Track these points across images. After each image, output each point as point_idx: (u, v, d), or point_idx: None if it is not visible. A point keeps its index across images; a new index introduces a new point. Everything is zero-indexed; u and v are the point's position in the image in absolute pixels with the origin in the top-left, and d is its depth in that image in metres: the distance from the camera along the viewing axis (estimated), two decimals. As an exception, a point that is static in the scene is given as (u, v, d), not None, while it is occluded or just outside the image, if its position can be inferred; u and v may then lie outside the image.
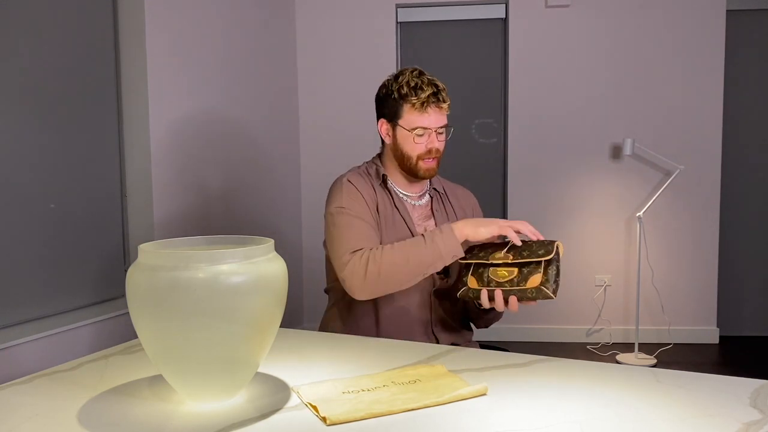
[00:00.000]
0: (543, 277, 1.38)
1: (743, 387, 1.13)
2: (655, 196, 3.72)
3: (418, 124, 1.62)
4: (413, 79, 1.62)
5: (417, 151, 1.64)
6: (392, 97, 1.65)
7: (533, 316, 3.95)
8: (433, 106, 1.61)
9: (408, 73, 1.64)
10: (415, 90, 1.61)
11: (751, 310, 4.03)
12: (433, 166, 1.66)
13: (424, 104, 1.61)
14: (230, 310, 1.02)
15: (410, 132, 1.63)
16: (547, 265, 1.39)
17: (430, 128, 1.62)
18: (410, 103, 1.61)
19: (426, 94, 1.60)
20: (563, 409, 1.05)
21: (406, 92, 1.62)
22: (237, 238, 1.19)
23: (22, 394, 1.17)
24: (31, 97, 2.05)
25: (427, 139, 1.63)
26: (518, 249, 1.43)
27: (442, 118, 1.64)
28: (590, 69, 3.82)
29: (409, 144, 1.64)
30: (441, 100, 1.62)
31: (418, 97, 1.60)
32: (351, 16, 3.93)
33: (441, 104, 1.63)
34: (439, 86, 1.63)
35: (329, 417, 1.01)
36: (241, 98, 3.20)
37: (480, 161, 4.03)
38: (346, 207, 1.61)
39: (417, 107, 1.61)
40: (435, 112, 1.62)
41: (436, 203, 1.76)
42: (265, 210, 3.41)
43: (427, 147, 1.63)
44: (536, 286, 1.38)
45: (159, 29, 2.50)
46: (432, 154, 1.64)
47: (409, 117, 1.63)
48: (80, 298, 2.24)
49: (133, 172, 2.47)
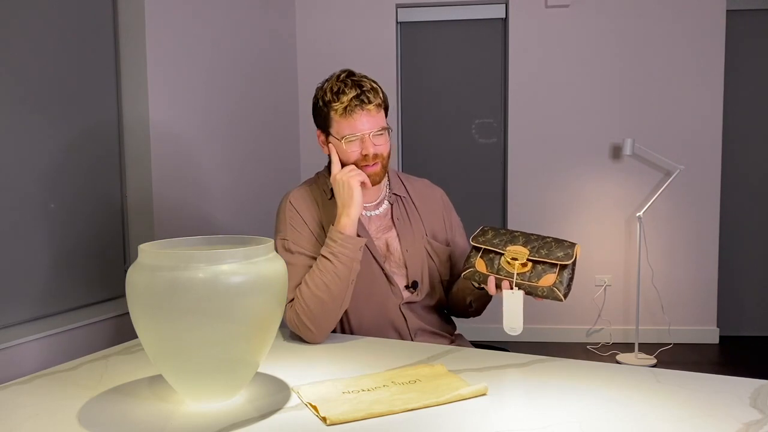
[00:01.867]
0: (557, 278, 1.35)
1: (743, 387, 1.13)
2: (655, 196, 3.72)
3: (346, 132, 1.49)
4: (336, 84, 1.50)
5: (352, 159, 1.51)
6: (318, 105, 1.54)
7: (533, 316, 3.95)
8: (357, 109, 1.48)
9: (333, 78, 1.53)
10: (337, 95, 1.49)
11: (751, 310, 4.03)
12: (377, 171, 1.52)
13: (347, 109, 1.48)
14: (230, 310, 1.02)
15: (340, 141, 1.50)
16: (563, 267, 1.36)
17: (359, 133, 1.49)
18: (334, 110, 1.49)
19: (348, 97, 1.47)
20: (563, 409, 1.05)
21: (329, 99, 1.50)
22: (237, 238, 1.19)
23: (22, 394, 1.17)
24: (30, 96, 2.05)
25: (360, 145, 1.50)
26: (536, 246, 1.38)
27: (373, 120, 1.50)
28: (590, 69, 3.82)
29: (342, 153, 1.51)
30: (366, 101, 1.48)
31: (340, 102, 1.48)
32: (351, 16, 3.93)
33: (366, 105, 1.48)
34: (365, 86, 1.49)
35: (329, 417, 1.01)
36: (241, 98, 3.20)
37: (480, 161, 4.03)
38: (288, 239, 1.55)
39: (340, 113, 1.49)
40: (362, 116, 1.48)
41: (397, 210, 1.64)
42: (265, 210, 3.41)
43: (362, 153, 1.50)
44: (549, 285, 1.35)
45: (159, 29, 2.50)
46: (369, 160, 1.50)
47: (336, 125, 1.51)
48: (80, 298, 2.24)
49: (133, 172, 2.47)
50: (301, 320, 1.46)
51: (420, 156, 4.06)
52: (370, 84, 1.52)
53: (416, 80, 4.03)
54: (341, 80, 1.51)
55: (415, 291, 1.62)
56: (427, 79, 4.04)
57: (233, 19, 3.11)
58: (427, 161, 4.07)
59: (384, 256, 1.60)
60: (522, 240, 1.41)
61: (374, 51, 3.90)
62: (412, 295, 1.62)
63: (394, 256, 1.62)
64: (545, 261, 1.36)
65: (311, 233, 1.56)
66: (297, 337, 1.53)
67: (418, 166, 4.01)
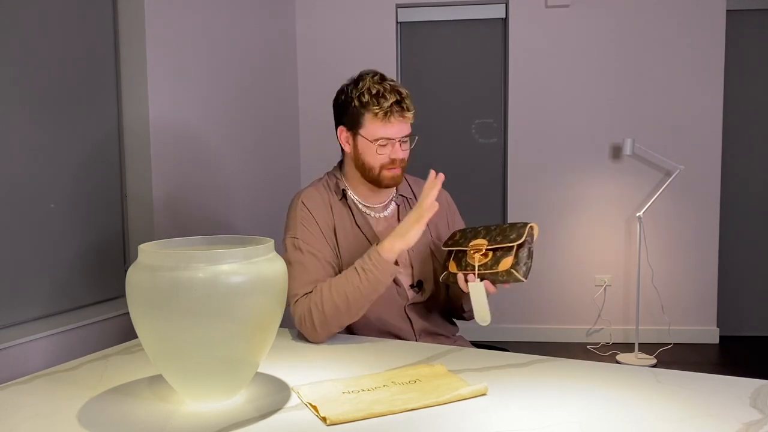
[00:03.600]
0: (513, 260, 1.40)
1: (743, 387, 1.13)
2: (655, 196, 3.72)
3: (380, 135, 1.52)
4: (375, 86, 1.51)
5: (379, 161, 1.54)
6: (352, 104, 1.54)
7: (533, 316, 3.95)
8: (396, 115, 1.51)
9: (369, 79, 1.53)
10: (377, 98, 1.50)
11: (751, 310, 4.04)
12: (398, 174, 1.57)
13: (387, 114, 1.50)
14: (230, 310, 1.02)
15: (372, 143, 1.53)
16: (519, 248, 1.40)
17: (394, 138, 1.53)
18: (372, 113, 1.50)
19: (389, 102, 1.50)
20: (563, 409, 1.05)
21: (367, 100, 1.51)
22: (237, 238, 1.19)
23: (22, 394, 1.17)
24: (30, 96, 2.05)
25: (390, 149, 1.53)
26: (493, 234, 1.45)
27: (405, 127, 1.55)
28: (590, 69, 3.82)
29: (370, 154, 1.54)
30: (405, 108, 1.52)
31: (380, 107, 1.49)
32: (351, 16, 3.93)
33: (405, 113, 1.52)
34: (403, 93, 1.53)
35: (329, 417, 1.01)
36: (242, 98, 3.20)
37: (480, 161, 4.03)
38: (299, 238, 1.55)
39: (380, 117, 1.50)
40: (399, 122, 1.52)
41: (404, 212, 1.67)
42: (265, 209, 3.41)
43: (391, 158, 1.54)
44: (507, 269, 1.40)
45: (159, 29, 2.50)
46: (396, 164, 1.55)
47: (371, 127, 1.52)
48: (80, 298, 2.24)
49: (133, 172, 2.47)
50: (310, 319, 1.46)
51: (420, 156, 4.06)
52: (406, 91, 1.55)
53: (416, 80, 4.03)
54: (379, 83, 1.53)
55: (420, 291, 1.64)
56: (427, 79, 4.04)
57: (233, 19, 3.11)
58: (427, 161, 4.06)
59: None
60: (483, 233, 1.47)
61: (374, 51, 3.90)
62: (417, 296, 1.63)
63: (400, 256, 1.62)
64: (501, 246, 1.42)
65: (322, 234, 1.57)
66: (297, 337, 1.53)
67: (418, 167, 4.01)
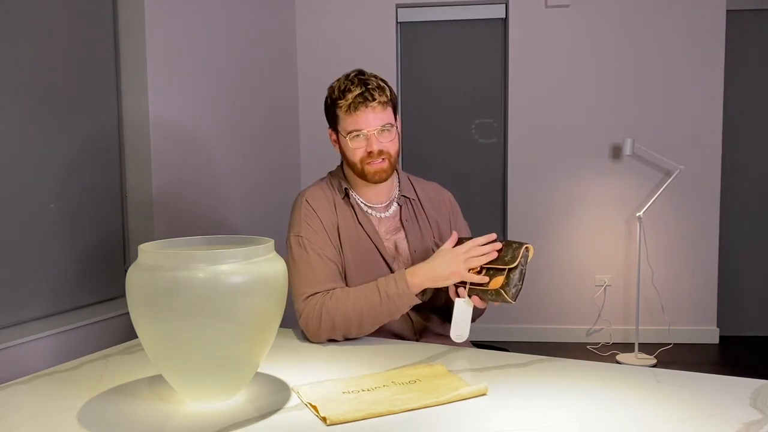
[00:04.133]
0: (504, 280, 1.39)
1: (743, 387, 1.13)
2: (655, 196, 3.72)
3: (351, 128, 1.54)
4: (344, 82, 1.55)
5: (357, 155, 1.55)
6: (327, 103, 1.59)
7: (533, 316, 3.95)
8: (361, 106, 1.52)
9: (343, 77, 1.57)
10: (343, 92, 1.54)
11: (751, 310, 4.03)
12: (383, 168, 1.56)
13: (351, 106, 1.52)
14: (230, 310, 1.02)
15: (346, 137, 1.55)
16: (511, 269, 1.40)
17: (364, 130, 1.53)
18: (339, 107, 1.54)
19: (353, 94, 1.52)
20: (563, 409, 1.05)
21: (336, 96, 1.55)
22: (237, 238, 1.19)
23: (22, 394, 1.17)
24: (30, 96, 2.05)
25: (365, 141, 1.54)
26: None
27: (378, 117, 1.53)
28: (590, 69, 3.82)
29: (349, 150, 1.56)
30: (370, 98, 1.52)
31: (345, 99, 1.53)
32: (351, 16, 3.93)
33: (369, 102, 1.52)
34: (370, 84, 1.53)
35: (329, 417, 1.01)
36: (241, 98, 3.20)
37: (480, 161, 4.03)
38: (303, 236, 1.56)
39: (344, 109, 1.53)
40: (366, 112, 1.52)
41: (406, 212, 1.67)
42: (264, 210, 3.41)
43: (367, 150, 1.54)
44: (496, 288, 1.40)
45: (159, 29, 2.50)
46: (374, 157, 1.54)
47: (342, 122, 1.56)
48: (80, 298, 2.24)
49: (133, 172, 2.47)
50: (318, 322, 1.46)
51: (420, 156, 4.06)
52: (377, 82, 1.55)
53: (416, 80, 4.03)
54: (349, 79, 1.56)
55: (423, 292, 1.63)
56: (427, 79, 4.04)
57: (233, 19, 3.11)
58: (427, 161, 4.07)
59: (392, 257, 1.62)
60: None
61: (374, 51, 3.90)
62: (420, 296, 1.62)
63: (402, 256, 1.63)
64: (494, 267, 1.42)
65: (326, 233, 1.58)
66: (297, 337, 1.53)
67: (419, 166, 4.01)
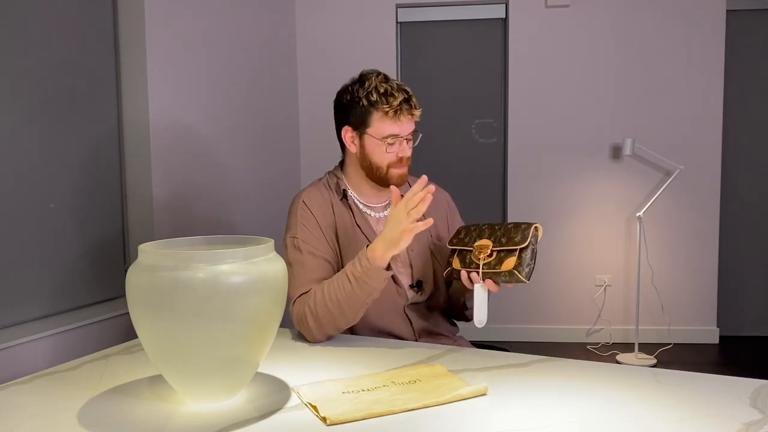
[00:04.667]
0: (516, 261, 1.40)
1: (743, 387, 1.13)
2: (655, 196, 3.72)
3: (389, 132, 1.54)
4: (382, 85, 1.55)
5: (387, 160, 1.57)
6: (360, 104, 1.56)
7: (533, 316, 3.95)
8: (406, 113, 1.54)
9: (374, 78, 1.56)
10: (386, 96, 1.53)
11: (751, 310, 4.04)
12: (405, 172, 1.60)
13: (397, 112, 1.53)
14: (230, 310, 1.02)
15: (381, 141, 1.55)
16: (522, 249, 1.41)
17: (401, 136, 1.56)
18: (382, 111, 1.53)
19: (398, 100, 1.53)
20: (563, 409, 1.05)
21: (376, 99, 1.54)
22: (237, 238, 1.19)
23: (23, 394, 1.17)
24: (30, 96, 2.05)
25: (398, 147, 1.57)
26: (498, 235, 1.46)
27: (412, 125, 1.58)
28: (590, 69, 3.82)
29: (379, 153, 1.57)
30: (413, 106, 1.56)
31: (390, 105, 1.52)
32: (351, 16, 3.93)
33: (414, 111, 1.56)
34: (409, 92, 1.57)
35: (329, 417, 1.01)
36: (241, 98, 3.20)
37: (480, 161, 4.03)
38: (299, 237, 1.56)
39: (390, 115, 1.53)
40: (407, 120, 1.56)
41: None
42: (265, 209, 3.41)
43: (399, 155, 1.57)
44: (509, 269, 1.40)
45: (159, 29, 2.50)
46: (403, 162, 1.59)
47: (379, 125, 1.55)
48: (80, 298, 2.24)
49: (133, 172, 2.47)
50: (306, 321, 1.47)
51: (420, 156, 4.06)
52: (412, 90, 1.58)
53: (416, 80, 4.03)
54: (385, 81, 1.56)
55: (420, 291, 1.64)
56: (427, 79, 4.03)
57: (233, 19, 3.11)
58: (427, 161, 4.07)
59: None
60: (488, 233, 1.49)
61: (374, 51, 3.90)
62: (417, 295, 1.63)
63: (400, 255, 1.63)
64: (505, 248, 1.42)
65: (323, 234, 1.58)
66: (297, 337, 1.53)
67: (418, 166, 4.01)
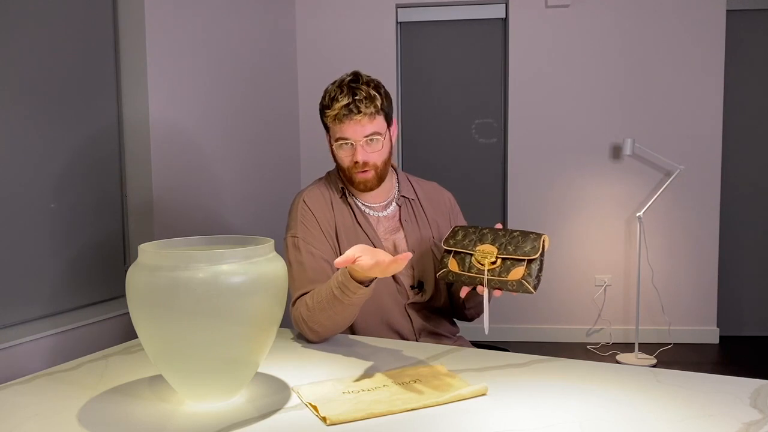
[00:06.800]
0: (525, 271, 1.34)
1: (743, 387, 1.13)
2: (655, 196, 3.72)
3: (338, 136, 1.53)
4: (334, 89, 1.53)
5: (345, 163, 1.56)
6: (320, 108, 1.58)
7: (533, 316, 3.95)
8: (345, 118, 1.50)
9: (336, 82, 1.55)
10: (331, 101, 1.52)
11: (751, 310, 4.04)
12: (368, 178, 1.55)
13: (337, 116, 1.50)
14: (230, 310, 1.02)
15: (335, 145, 1.55)
16: (531, 260, 1.35)
17: (350, 140, 1.52)
18: (329, 116, 1.53)
19: (340, 104, 1.49)
20: (563, 409, 1.05)
21: (326, 103, 1.54)
22: (237, 238, 1.19)
23: (23, 394, 1.17)
24: (31, 97, 2.05)
25: (351, 151, 1.53)
26: (504, 242, 1.39)
27: (364, 128, 1.50)
28: (590, 69, 3.82)
29: (338, 157, 1.57)
30: (355, 110, 1.48)
31: (332, 109, 1.51)
32: (351, 16, 3.93)
33: (354, 115, 1.49)
34: (359, 95, 1.49)
35: (329, 417, 1.01)
36: (242, 98, 3.20)
37: (480, 161, 4.03)
38: (299, 236, 1.55)
39: (332, 119, 1.52)
40: (352, 124, 1.50)
41: (405, 212, 1.65)
42: (265, 210, 3.41)
43: (353, 160, 1.53)
44: (518, 279, 1.34)
45: (159, 29, 2.50)
46: (359, 168, 1.53)
47: (332, 129, 1.55)
48: (80, 298, 2.24)
49: (132, 172, 2.47)
50: (302, 324, 1.47)
51: (420, 156, 4.06)
52: (367, 91, 1.51)
53: (416, 80, 4.03)
54: (340, 85, 1.53)
55: (421, 291, 1.63)
56: (427, 79, 4.04)
57: (233, 19, 3.11)
58: (427, 161, 4.07)
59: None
60: (490, 237, 1.41)
61: (374, 51, 3.90)
62: (418, 296, 1.63)
63: None
64: (513, 257, 1.36)
65: (322, 233, 1.57)
66: (297, 337, 1.53)
67: (418, 166, 4.01)
